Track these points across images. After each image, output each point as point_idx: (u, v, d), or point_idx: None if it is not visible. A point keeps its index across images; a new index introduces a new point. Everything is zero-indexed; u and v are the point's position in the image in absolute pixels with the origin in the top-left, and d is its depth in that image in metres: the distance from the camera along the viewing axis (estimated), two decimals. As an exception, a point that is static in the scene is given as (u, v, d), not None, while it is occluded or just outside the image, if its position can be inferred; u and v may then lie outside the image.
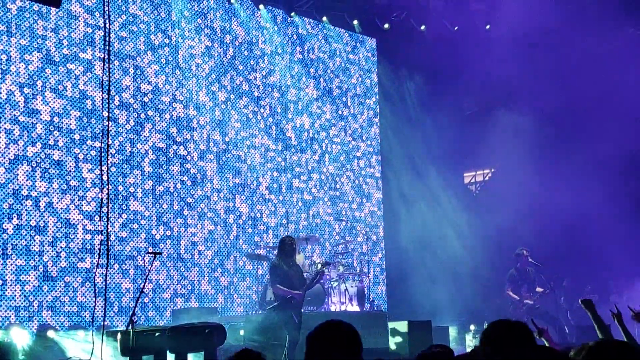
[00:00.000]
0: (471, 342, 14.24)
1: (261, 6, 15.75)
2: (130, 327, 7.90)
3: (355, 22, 17.09)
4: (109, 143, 7.59)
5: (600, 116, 15.32)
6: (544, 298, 13.12)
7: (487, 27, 16.72)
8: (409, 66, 17.95)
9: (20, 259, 11.82)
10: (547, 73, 16.27)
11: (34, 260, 11.96)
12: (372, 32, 17.72)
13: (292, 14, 16.21)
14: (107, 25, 6.98)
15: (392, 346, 11.66)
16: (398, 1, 16.66)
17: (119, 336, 8.33)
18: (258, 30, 15.74)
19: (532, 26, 15.87)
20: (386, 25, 17.18)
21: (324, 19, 16.67)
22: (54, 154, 12.41)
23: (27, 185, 12.07)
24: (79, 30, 13.01)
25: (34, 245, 11.99)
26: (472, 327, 14.69)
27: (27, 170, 12.10)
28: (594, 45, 15.97)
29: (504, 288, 13.45)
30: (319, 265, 13.28)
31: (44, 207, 12.21)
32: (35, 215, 12.08)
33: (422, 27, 17.08)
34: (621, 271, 14.56)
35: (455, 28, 16.97)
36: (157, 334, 8.59)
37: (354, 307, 13.82)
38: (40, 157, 12.27)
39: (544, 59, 16.11)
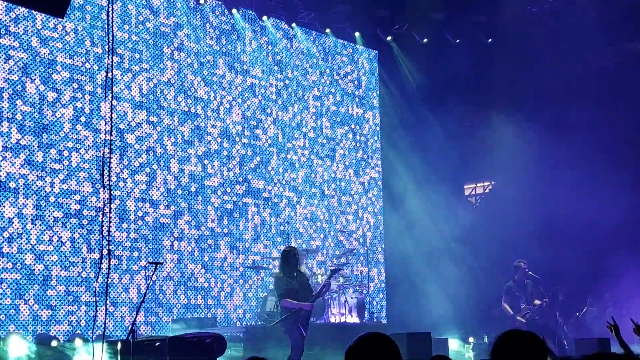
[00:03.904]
0: (470, 354, 14.24)
1: (265, 17, 15.82)
2: (130, 337, 7.90)
3: (357, 34, 17.16)
4: (111, 147, 7.63)
5: (602, 126, 15.36)
6: (541, 311, 13.11)
7: (489, 40, 16.79)
8: (410, 78, 17.99)
9: (20, 268, 11.83)
10: (550, 86, 16.33)
11: (33, 269, 11.97)
12: (374, 44, 17.78)
13: (294, 25, 16.27)
14: (111, 28, 7.01)
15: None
16: (400, 13, 16.74)
17: (119, 346, 8.34)
18: (259, 41, 15.80)
19: (532, 39, 15.95)
20: (388, 38, 17.26)
21: (327, 30, 16.74)
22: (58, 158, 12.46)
23: (25, 190, 12.10)
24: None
25: (34, 254, 12.00)
26: (471, 339, 14.69)
27: (29, 176, 12.13)
28: (597, 58, 16.03)
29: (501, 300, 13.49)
30: (319, 277, 13.30)
31: (45, 212, 12.24)
32: (36, 222, 12.10)
33: (424, 40, 17.15)
34: (621, 284, 14.56)
35: (457, 40, 17.03)
36: (157, 344, 8.60)
37: (354, 319, 13.82)
38: (45, 162, 12.31)
39: (547, 71, 16.17)
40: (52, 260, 12.16)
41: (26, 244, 11.92)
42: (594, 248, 14.99)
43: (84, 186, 12.72)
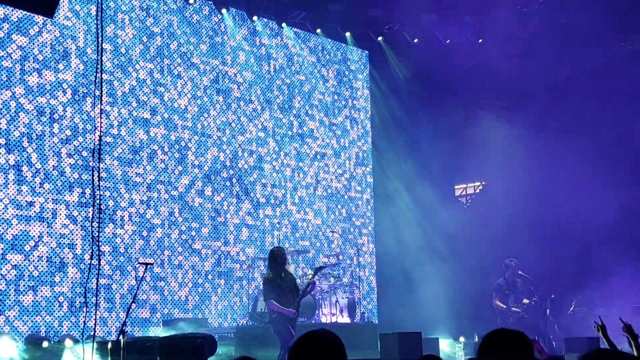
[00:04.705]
0: (461, 354, 14.26)
1: (255, 17, 15.81)
2: (121, 337, 7.90)
3: (347, 34, 17.17)
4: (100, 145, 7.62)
5: (592, 126, 15.41)
6: (531, 309, 13.15)
7: (480, 40, 16.82)
8: (401, 79, 18.01)
9: (10, 269, 11.79)
10: (540, 86, 16.37)
11: (24, 269, 11.95)
12: (365, 45, 17.80)
13: (284, 25, 16.26)
14: (100, 29, 7.00)
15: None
16: (391, 14, 16.75)
17: (109, 346, 8.33)
18: (249, 42, 15.81)
19: (523, 40, 15.98)
20: (379, 38, 17.28)
21: (318, 31, 16.73)
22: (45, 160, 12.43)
23: (14, 189, 12.07)
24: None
25: (25, 254, 11.97)
26: (461, 338, 14.70)
27: (15, 176, 12.10)
28: (585, 59, 16.08)
29: (490, 298, 13.53)
30: (310, 276, 13.31)
31: (34, 213, 12.21)
32: (25, 223, 12.07)
33: (415, 40, 17.17)
34: (612, 283, 14.59)
35: (448, 41, 17.05)
36: (147, 344, 8.61)
37: (345, 319, 13.84)
38: (30, 163, 12.28)
39: (537, 70, 16.21)
40: (42, 261, 12.13)
41: (18, 245, 11.89)
42: (584, 247, 15.04)
43: (74, 186, 12.70)
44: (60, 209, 12.49)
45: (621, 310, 12.48)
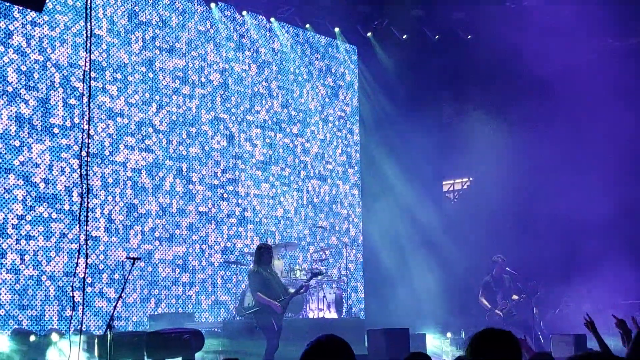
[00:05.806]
0: (448, 349, 14.29)
1: (244, 12, 15.77)
2: (108, 332, 7.86)
3: (336, 29, 17.16)
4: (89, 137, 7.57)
5: (581, 122, 15.47)
6: (519, 306, 13.18)
7: (469, 37, 16.83)
8: (390, 74, 18.01)
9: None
10: (529, 82, 16.41)
11: (12, 263, 11.88)
12: (354, 40, 17.79)
13: (273, 19, 16.23)
14: (89, 27, 6.96)
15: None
16: (380, 9, 16.75)
17: (96, 340, 8.30)
18: (238, 36, 15.76)
19: (511, 36, 16.01)
20: (368, 34, 17.27)
21: (307, 26, 16.72)
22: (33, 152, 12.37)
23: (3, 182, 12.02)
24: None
25: (12, 246, 11.90)
26: (449, 334, 14.74)
27: (6, 168, 12.04)
28: (573, 55, 16.13)
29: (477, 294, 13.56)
30: (297, 272, 13.31)
31: (21, 206, 12.14)
32: (13, 215, 12.01)
33: (404, 36, 17.18)
34: (599, 280, 14.67)
35: (436, 37, 17.06)
36: (135, 339, 8.58)
37: (332, 314, 13.84)
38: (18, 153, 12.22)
39: (525, 67, 16.25)
40: (29, 255, 12.06)
41: (5, 238, 11.83)
42: (572, 243, 15.09)
43: (62, 180, 12.64)
44: (51, 204, 12.43)
45: (608, 306, 12.55)
